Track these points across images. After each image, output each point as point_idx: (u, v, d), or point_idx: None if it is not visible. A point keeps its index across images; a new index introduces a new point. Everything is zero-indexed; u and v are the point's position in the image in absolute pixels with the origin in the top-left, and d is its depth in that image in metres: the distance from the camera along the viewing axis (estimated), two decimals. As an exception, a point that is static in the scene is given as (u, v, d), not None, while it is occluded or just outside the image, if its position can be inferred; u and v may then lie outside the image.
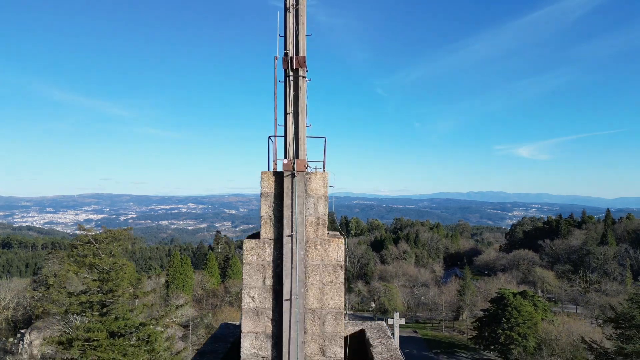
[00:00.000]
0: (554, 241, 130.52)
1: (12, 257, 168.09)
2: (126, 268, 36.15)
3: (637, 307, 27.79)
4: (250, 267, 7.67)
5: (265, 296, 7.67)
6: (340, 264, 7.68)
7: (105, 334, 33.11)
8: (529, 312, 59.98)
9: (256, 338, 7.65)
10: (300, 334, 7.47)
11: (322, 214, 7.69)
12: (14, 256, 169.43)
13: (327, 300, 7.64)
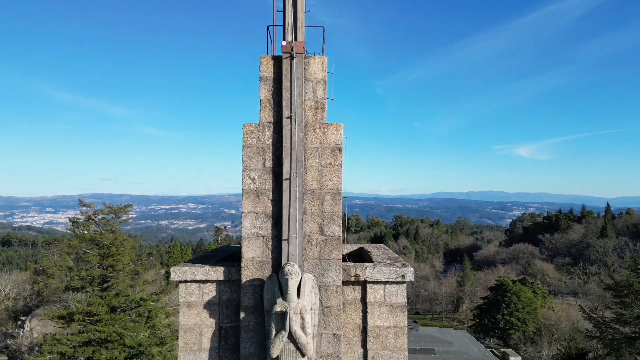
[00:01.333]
0: (553, 235, 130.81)
1: (12, 254, 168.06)
2: (126, 244, 36.28)
3: (635, 275, 27.98)
4: (250, 150, 7.84)
5: (265, 178, 7.85)
6: (338, 147, 7.86)
7: (106, 308, 33.22)
8: (528, 297, 60.23)
9: (256, 218, 7.83)
10: (299, 212, 7.64)
11: (320, 98, 7.87)
12: (14, 254, 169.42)
13: (326, 181, 7.82)
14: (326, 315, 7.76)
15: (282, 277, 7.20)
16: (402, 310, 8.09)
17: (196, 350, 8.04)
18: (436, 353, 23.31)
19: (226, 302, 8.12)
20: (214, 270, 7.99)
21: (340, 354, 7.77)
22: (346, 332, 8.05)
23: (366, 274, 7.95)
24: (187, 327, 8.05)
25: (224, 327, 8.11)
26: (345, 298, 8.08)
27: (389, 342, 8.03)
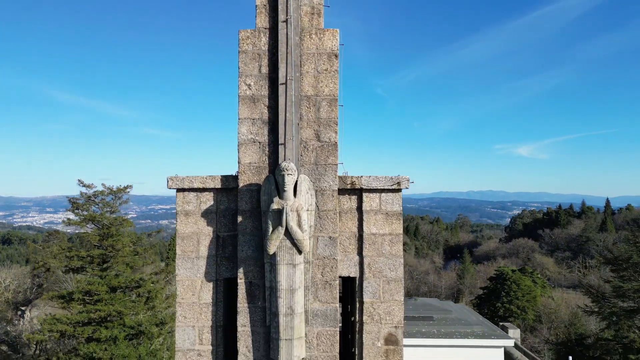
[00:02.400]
0: (553, 231, 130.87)
1: (12, 252, 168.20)
2: (126, 224, 36.32)
3: (634, 248, 28.04)
4: (246, 56, 7.90)
5: (261, 84, 7.90)
6: (335, 53, 7.91)
7: (106, 288, 33.26)
8: (528, 286, 60.22)
9: (253, 124, 7.88)
10: (295, 117, 7.70)
11: (316, 4, 7.93)
12: (14, 252, 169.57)
13: (322, 87, 7.88)
14: (322, 219, 7.82)
15: (279, 175, 7.25)
16: (398, 218, 8.15)
17: (194, 257, 8.09)
18: (435, 320, 23.38)
19: (224, 212, 8.17)
20: (211, 179, 8.04)
21: (336, 256, 7.83)
22: (342, 240, 8.10)
23: (362, 182, 8.01)
24: (185, 235, 8.11)
25: (221, 236, 8.17)
26: (342, 207, 8.13)
27: (385, 249, 8.08)
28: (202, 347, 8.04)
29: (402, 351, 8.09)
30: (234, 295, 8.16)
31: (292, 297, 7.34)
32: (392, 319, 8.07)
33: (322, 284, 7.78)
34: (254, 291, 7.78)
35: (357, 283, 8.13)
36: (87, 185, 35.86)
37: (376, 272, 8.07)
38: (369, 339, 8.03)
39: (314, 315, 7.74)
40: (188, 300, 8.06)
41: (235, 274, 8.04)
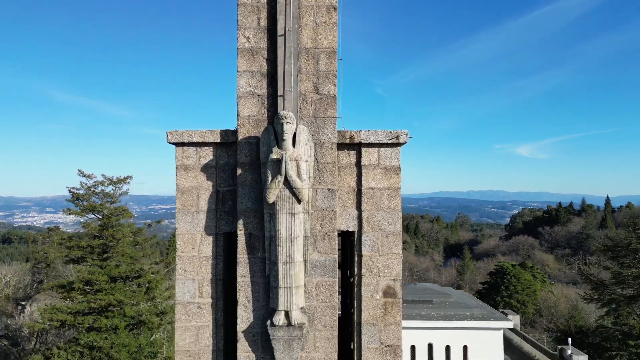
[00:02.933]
0: (553, 228, 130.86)
1: (13, 251, 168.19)
2: (126, 214, 36.35)
3: (634, 234, 28.07)
4: (245, 9, 7.94)
5: (260, 36, 7.95)
6: (333, 5, 7.96)
7: (106, 278, 33.29)
8: (528, 280, 60.28)
9: (251, 77, 7.93)
10: (294, 68, 7.74)
11: (315, -42, 7.96)
12: (14, 251, 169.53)
13: (321, 40, 7.92)
14: (321, 172, 7.86)
15: (277, 123, 7.30)
16: (396, 173, 8.19)
17: (194, 211, 8.14)
18: (434, 303, 23.41)
19: (223, 167, 8.21)
20: (210, 133, 8.08)
21: (335, 208, 7.88)
22: (341, 195, 8.15)
23: (361, 136, 8.05)
24: (184, 190, 8.15)
25: (221, 191, 8.21)
26: (341, 162, 8.18)
27: (383, 203, 8.13)
28: (202, 299, 8.09)
29: (400, 304, 8.14)
30: (233, 250, 8.20)
31: (292, 245, 7.39)
32: (391, 271, 8.12)
33: (321, 235, 7.83)
34: (254, 242, 7.83)
35: (356, 237, 8.18)
36: (87, 175, 35.91)
37: (375, 226, 8.12)
38: (367, 291, 8.08)
39: (313, 266, 7.79)
40: (188, 254, 8.10)
41: (235, 228, 8.08)
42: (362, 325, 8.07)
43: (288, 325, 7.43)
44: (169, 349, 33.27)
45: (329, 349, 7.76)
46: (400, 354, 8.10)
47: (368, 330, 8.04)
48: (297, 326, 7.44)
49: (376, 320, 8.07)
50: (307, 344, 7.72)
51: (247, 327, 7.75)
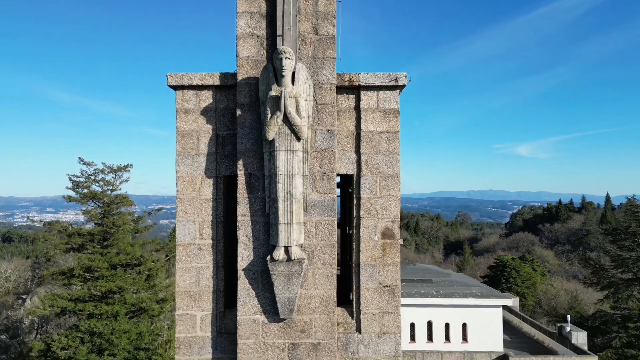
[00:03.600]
0: (553, 225, 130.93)
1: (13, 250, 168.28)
2: (126, 202, 36.41)
3: (632, 217, 28.16)
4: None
5: (260, -21, 8.01)
6: (331, -52, 8.02)
7: (107, 265, 33.36)
8: (527, 272, 60.42)
9: (251, 17, 8.00)
10: (293, 8, 7.82)
11: None
12: (15, 249, 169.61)
13: (319, -18, 7.98)
14: (320, 112, 7.94)
15: (277, 59, 7.37)
16: (395, 116, 8.26)
17: (194, 155, 8.22)
18: (434, 282, 23.45)
19: (223, 111, 8.29)
20: (210, 76, 8.16)
21: (334, 148, 7.95)
22: (340, 139, 8.23)
23: (360, 79, 8.13)
24: (185, 133, 8.23)
25: (220, 135, 8.29)
26: (340, 107, 8.26)
27: (382, 147, 8.20)
28: (203, 241, 8.16)
29: (398, 245, 8.22)
30: (233, 193, 8.28)
31: (291, 182, 7.46)
32: (389, 213, 8.19)
33: (320, 175, 7.90)
34: (253, 182, 7.90)
35: (355, 180, 8.25)
36: (88, 163, 35.96)
37: (373, 169, 8.19)
38: (366, 233, 8.16)
39: (312, 206, 7.86)
40: (188, 196, 8.18)
41: (234, 172, 8.16)
42: (360, 266, 8.15)
43: (288, 261, 7.51)
44: (169, 334, 33.32)
45: (328, 286, 7.83)
46: (399, 294, 8.18)
47: (367, 271, 8.12)
48: (296, 261, 7.51)
49: (375, 261, 8.15)
50: (306, 282, 7.80)
51: (248, 265, 7.82)
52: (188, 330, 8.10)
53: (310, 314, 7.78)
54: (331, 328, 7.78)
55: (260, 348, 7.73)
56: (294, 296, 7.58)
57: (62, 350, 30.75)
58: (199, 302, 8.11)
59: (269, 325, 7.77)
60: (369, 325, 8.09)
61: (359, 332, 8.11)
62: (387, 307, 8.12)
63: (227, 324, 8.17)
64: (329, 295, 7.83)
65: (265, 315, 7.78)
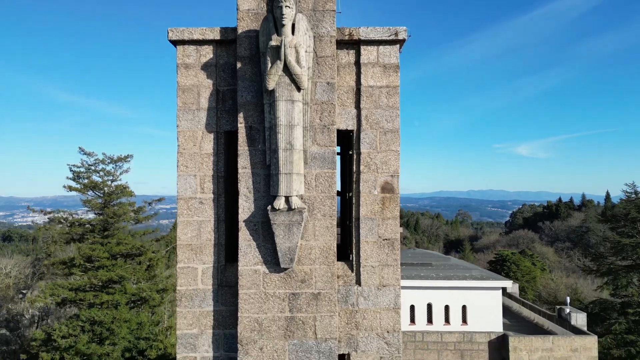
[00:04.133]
0: (553, 223, 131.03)
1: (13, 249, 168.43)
2: (127, 192, 36.46)
3: (631, 204, 28.23)
4: None
5: None
6: None
7: (107, 254, 33.41)
8: (527, 266, 60.48)
9: (252, -28, 8.05)
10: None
11: None
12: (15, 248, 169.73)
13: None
14: (320, 65, 8.00)
15: (277, 8, 7.43)
16: (395, 71, 8.32)
17: (194, 109, 8.28)
18: (433, 266, 23.53)
19: (223, 66, 8.35)
20: (210, 30, 8.22)
21: (334, 101, 8.01)
22: (340, 94, 8.29)
23: (360, 33, 8.18)
24: (185, 88, 8.29)
25: (221, 90, 8.35)
26: (340, 62, 8.31)
27: (382, 101, 8.26)
28: (204, 195, 8.22)
29: (398, 199, 8.28)
30: (234, 148, 8.34)
31: (291, 132, 7.52)
32: (389, 168, 8.25)
33: (320, 128, 7.96)
34: (254, 135, 7.96)
35: (355, 135, 8.32)
36: (88, 153, 36.01)
37: (373, 124, 8.25)
38: (366, 187, 8.22)
39: (312, 158, 7.92)
40: (189, 151, 8.24)
41: (235, 127, 8.22)
42: (360, 220, 8.21)
43: (288, 210, 7.57)
44: (170, 321, 33.36)
45: (328, 237, 7.90)
46: (398, 247, 8.24)
47: (366, 225, 8.18)
48: (297, 211, 7.57)
49: (374, 215, 8.21)
50: (306, 233, 7.86)
51: (248, 216, 7.88)
52: (189, 283, 8.17)
53: (310, 265, 7.84)
54: (331, 278, 7.84)
55: (261, 298, 7.79)
56: (295, 246, 7.64)
57: (62, 339, 30.78)
58: (200, 255, 8.17)
59: (269, 276, 7.83)
60: (368, 277, 8.15)
61: (358, 285, 8.18)
62: (386, 260, 8.18)
63: (228, 277, 8.23)
64: (329, 246, 7.89)
65: (266, 265, 7.84)
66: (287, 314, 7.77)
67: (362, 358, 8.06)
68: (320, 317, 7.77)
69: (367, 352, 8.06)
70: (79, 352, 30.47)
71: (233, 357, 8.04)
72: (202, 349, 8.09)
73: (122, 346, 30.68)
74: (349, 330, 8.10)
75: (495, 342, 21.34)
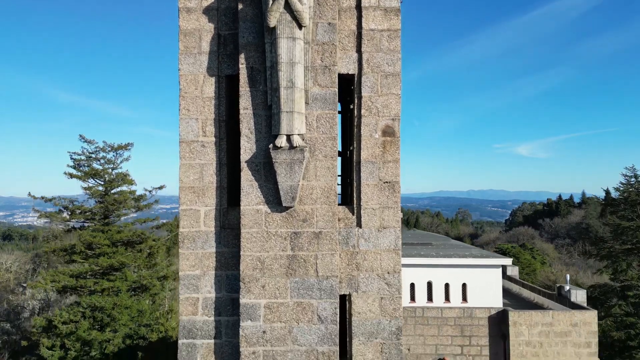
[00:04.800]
0: (553, 220, 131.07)
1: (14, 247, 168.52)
2: (128, 180, 36.50)
3: (630, 187, 28.28)
4: None
5: None
6: None
7: (108, 242, 33.44)
8: (527, 259, 60.51)
9: None
10: None
11: None
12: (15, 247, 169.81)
13: None
14: (322, 6, 8.05)
15: (278, -55, 7.47)
16: (396, 14, 8.36)
17: (196, 53, 8.32)
18: (433, 245, 23.58)
19: (225, 10, 8.39)
20: (213, -25, 8.25)
21: (335, 42, 8.06)
22: (341, 38, 8.33)
23: (360, -23, 8.22)
24: (187, 32, 8.33)
25: (222, 34, 8.39)
26: (341, 6, 8.35)
27: (383, 45, 8.31)
28: (206, 138, 8.27)
29: (398, 142, 8.32)
30: (235, 92, 8.38)
31: (292, 70, 7.57)
32: (390, 111, 8.30)
33: (322, 68, 8.01)
34: (255, 76, 8.01)
35: (356, 79, 8.36)
36: (89, 141, 36.02)
37: (374, 67, 8.30)
38: (367, 131, 8.26)
39: (314, 99, 7.97)
40: (191, 94, 8.29)
41: (236, 71, 8.27)
42: (361, 163, 8.25)
43: (290, 149, 7.61)
44: (171, 304, 33.38)
45: (329, 177, 7.94)
46: (398, 189, 8.29)
47: (367, 168, 8.23)
48: (298, 149, 7.62)
49: (375, 158, 8.25)
50: (308, 173, 7.90)
51: (250, 157, 7.93)
52: (192, 225, 8.21)
53: (312, 204, 7.89)
54: (332, 218, 7.89)
55: (263, 237, 7.84)
56: (296, 184, 7.69)
57: (63, 325, 30.80)
58: (202, 197, 8.22)
59: (271, 215, 7.88)
60: (369, 220, 8.19)
61: (359, 227, 8.22)
62: (387, 203, 8.22)
63: (230, 220, 8.28)
64: (330, 186, 7.93)
65: (268, 205, 7.88)
66: (288, 253, 7.81)
67: (363, 298, 8.11)
68: (321, 256, 7.82)
69: (368, 292, 8.11)
70: (79, 339, 30.49)
71: (235, 297, 8.09)
72: (204, 290, 8.13)
73: (123, 333, 30.70)
74: (350, 272, 8.15)
75: (495, 318, 21.38)
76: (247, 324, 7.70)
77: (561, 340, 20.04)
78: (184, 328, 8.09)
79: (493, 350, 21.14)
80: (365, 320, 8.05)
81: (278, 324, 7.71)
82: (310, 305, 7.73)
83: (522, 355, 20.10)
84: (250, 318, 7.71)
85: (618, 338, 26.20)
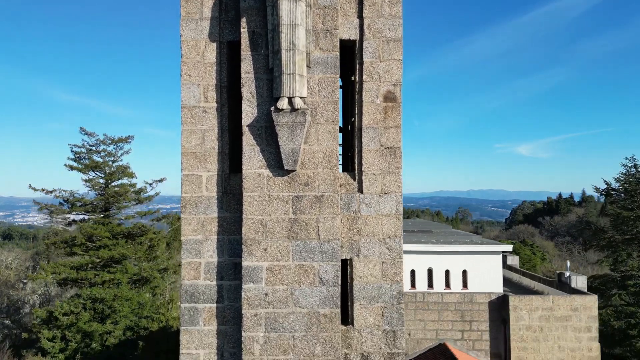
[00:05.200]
0: (553, 218, 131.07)
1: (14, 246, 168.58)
2: (128, 173, 36.55)
3: (630, 177, 28.29)
4: None
5: None
6: None
7: (109, 234, 33.46)
8: (527, 255, 60.53)
9: None
10: None
11: None
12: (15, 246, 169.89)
13: None
14: (323, -29, 8.05)
15: None
16: (397, -19, 8.36)
17: (197, 19, 8.34)
18: (434, 233, 23.61)
19: (227, -23, 8.40)
20: (214, -59, 8.26)
21: (337, 6, 8.07)
22: (343, 4, 8.33)
23: (361, -56, 8.23)
24: (189, -2, 8.33)
25: (224, 0, 8.40)
26: (342, -27, 8.36)
27: (385, 10, 8.32)
28: (207, 104, 8.29)
29: (400, 108, 8.34)
30: (237, 58, 8.40)
31: (294, 32, 7.58)
32: (391, 77, 8.32)
33: (323, 32, 8.02)
34: (257, 40, 8.03)
35: (357, 45, 8.38)
36: (89, 133, 36.06)
37: (376, 33, 8.31)
38: (368, 96, 8.28)
39: (315, 63, 7.98)
40: (193, 60, 8.30)
41: (238, 37, 8.28)
42: (362, 129, 8.27)
43: (292, 111, 7.63)
44: (171, 294, 33.39)
45: (330, 141, 7.96)
46: (400, 155, 8.30)
47: (368, 134, 8.24)
48: (300, 112, 7.63)
49: (376, 124, 8.27)
50: (309, 137, 7.92)
51: (252, 121, 7.94)
52: (194, 190, 8.23)
53: (313, 168, 7.90)
54: (334, 181, 7.90)
55: (265, 200, 7.85)
56: (298, 147, 7.70)
57: (64, 316, 30.83)
58: (204, 163, 8.24)
59: (273, 179, 7.89)
60: (370, 185, 8.21)
61: (360, 193, 8.23)
62: (388, 168, 8.24)
63: (232, 185, 8.29)
64: (331, 150, 7.95)
65: (269, 169, 7.90)
66: (290, 216, 7.83)
67: (364, 263, 8.12)
68: (323, 219, 7.83)
69: (369, 257, 8.13)
70: (80, 330, 30.51)
71: (237, 262, 8.10)
72: (206, 254, 8.15)
73: (124, 325, 30.70)
74: (351, 236, 8.16)
75: (495, 302, 21.39)
76: (249, 287, 7.72)
77: (561, 325, 20.07)
78: (186, 292, 8.10)
79: (493, 335, 21.17)
80: (367, 284, 8.06)
81: (280, 286, 7.72)
82: (312, 267, 7.75)
83: (522, 340, 20.12)
84: (253, 281, 7.73)
85: (618, 327, 26.23)
